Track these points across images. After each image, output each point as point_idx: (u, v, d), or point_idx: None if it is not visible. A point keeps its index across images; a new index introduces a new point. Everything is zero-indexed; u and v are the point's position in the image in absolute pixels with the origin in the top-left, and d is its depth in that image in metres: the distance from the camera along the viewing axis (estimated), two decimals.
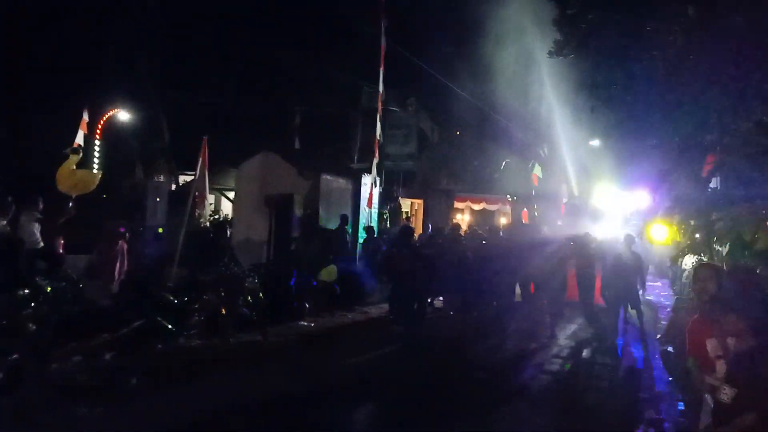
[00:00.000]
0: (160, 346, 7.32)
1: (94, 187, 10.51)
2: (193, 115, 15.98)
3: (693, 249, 8.12)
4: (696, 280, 3.82)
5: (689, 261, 10.36)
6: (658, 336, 10.09)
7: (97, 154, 10.40)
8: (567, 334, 10.66)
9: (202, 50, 16.53)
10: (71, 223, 9.53)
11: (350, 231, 14.09)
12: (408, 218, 20.50)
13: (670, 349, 8.56)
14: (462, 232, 14.91)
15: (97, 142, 10.62)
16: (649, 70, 7.68)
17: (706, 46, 6.95)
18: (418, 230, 18.70)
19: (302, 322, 10.15)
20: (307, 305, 10.59)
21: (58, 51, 13.88)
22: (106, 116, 13.32)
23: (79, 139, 11.12)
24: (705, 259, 8.42)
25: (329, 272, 11.60)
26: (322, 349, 8.86)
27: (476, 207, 24.77)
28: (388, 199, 17.99)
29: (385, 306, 12.10)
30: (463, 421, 5.96)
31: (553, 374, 8.06)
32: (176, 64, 16.42)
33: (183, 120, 16.18)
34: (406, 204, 22.43)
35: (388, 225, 17.32)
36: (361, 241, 14.49)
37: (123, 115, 16.04)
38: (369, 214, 15.13)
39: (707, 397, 3.66)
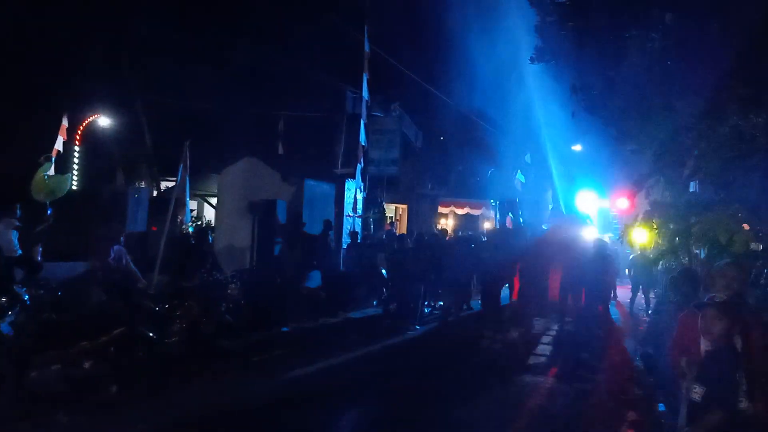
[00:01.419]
0: (140, 353, 7.23)
1: (65, 191, 10.40)
2: (174, 120, 15.90)
3: (672, 252, 8.22)
4: (723, 276, 3.85)
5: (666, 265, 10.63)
6: (640, 338, 10.20)
7: (76, 160, 10.31)
8: (546, 334, 10.77)
9: (185, 55, 16.44)
10: (49, 231, 9.43)
11: (333, 236, 14.09)
12: (392, 223, 20.53)
13: (650, 351, 8.65)
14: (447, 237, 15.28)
15: (77, 148, 10.52)
16: (628, 75, 7.79)
17: (682, 53, 7.08)
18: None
19: (285, 328, 10.11)
20: (290, 311, 10.55)
21: (37, 56, 13.74)
22: (86, 122, 13.23)
23: (59, 145, 11.03)
24: (685, 262, 8.54)
25: (313, 278, 11.58)
26: (304, 354, 8.83)
27: (460, 212, 24.91)
28: (372, 204, 17.99)
29: (370, 311, 12.28)
30: (445, 425, 5.98)
31: (533, 375, 8.11)
32: (158, 68, 16.32)
33: (165, 125, 16.08)
34: (390, 209, 22.46)
35: (371, 230, 17.33)
36: (344, 246, 14.48)
37: (103, 121, 15.93)
38: (353, 219, 15.13)
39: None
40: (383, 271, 13.40)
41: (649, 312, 12.40)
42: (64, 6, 13.96)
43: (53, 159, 10.07)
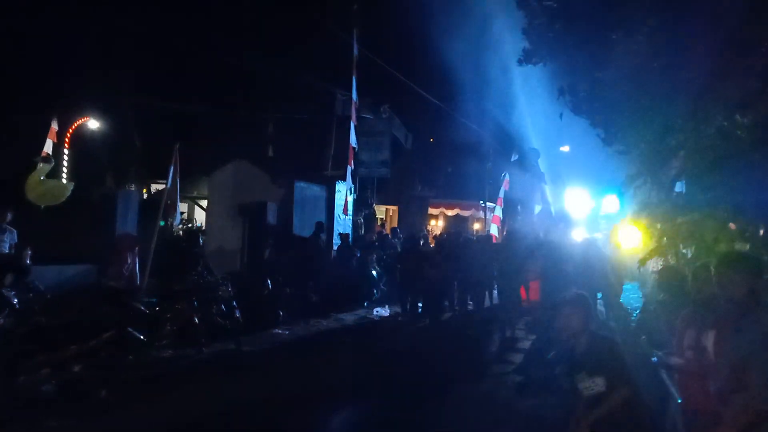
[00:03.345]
0: (131, 357, 7.22)
1: (64, 198, 10.37)
2: (164, 123, 15.86)
3: (660, 252, 8.30)
4: (695, 278, 3.94)
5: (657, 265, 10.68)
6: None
7: (66, 164, 10.27)
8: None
9: (174, 58, 16.41)
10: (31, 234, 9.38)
11: (324, 238, 14.11)
12: (383, 225, 20.57)
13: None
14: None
15: (66, 151, 10.48)
16: (614, 77, 7.87)
17: (668, 55, 7.15)
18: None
19: (276, 330, 10.12)
20: (281, 313, 10.56)
21: (27, 58, 13.66)
22: (76, 125, 13.17)
23: (48, 149, 10.98)
24: (672, 261, 8.63)
25: (304, 280, 11.61)
26: (296, 356, 8.84)
27: (450, 213, 25.02)
28: (362, 205, 18.02)
29: (360, 312, 12.30)
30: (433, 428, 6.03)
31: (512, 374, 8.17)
32: (148, 71, 16.27)
33: (154, 128, 16.04)
34: (380, 210, 22.51)
35: (362, 232, 17.36)
36: (335, 248, 14.50)
37: (93, 124, 15.86)
38: (344, 221, 15.16)
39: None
40: (374, 272, 13.44)
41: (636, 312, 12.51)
42: (53, 8, 13.88)
43: (51, 161, 10.05)
